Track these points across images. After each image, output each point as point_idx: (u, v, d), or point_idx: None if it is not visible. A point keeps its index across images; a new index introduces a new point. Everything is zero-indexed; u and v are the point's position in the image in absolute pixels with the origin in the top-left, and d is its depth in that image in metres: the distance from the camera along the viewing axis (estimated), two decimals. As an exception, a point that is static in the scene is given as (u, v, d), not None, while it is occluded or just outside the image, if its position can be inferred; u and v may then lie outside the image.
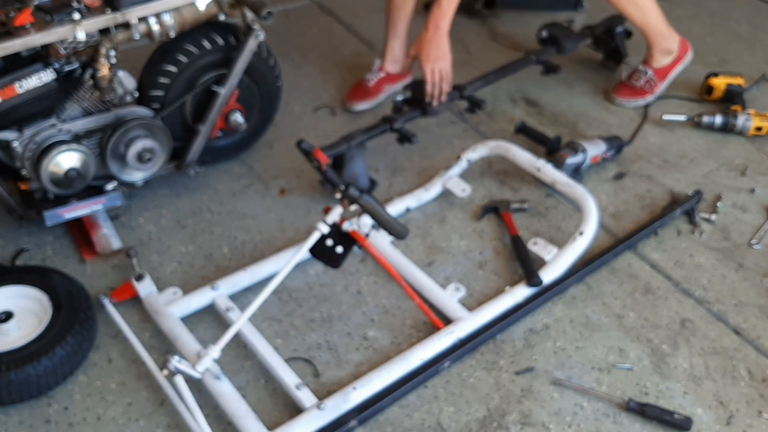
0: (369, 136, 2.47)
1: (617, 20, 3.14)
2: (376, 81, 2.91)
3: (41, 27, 1.95)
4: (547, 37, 3.01)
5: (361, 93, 2.89)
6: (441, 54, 2.54)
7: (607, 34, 3.17)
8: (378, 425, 1.83)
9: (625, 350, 2.05)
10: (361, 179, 2.48)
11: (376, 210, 1.88)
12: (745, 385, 1.98)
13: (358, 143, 2.43)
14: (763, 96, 3.15)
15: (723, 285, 2.27)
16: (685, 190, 2.58)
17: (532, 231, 2.41)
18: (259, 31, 2.28)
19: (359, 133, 2.45)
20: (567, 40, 3.00)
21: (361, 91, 2.90)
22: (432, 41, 2.52)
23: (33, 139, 2.08)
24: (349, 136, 2.42)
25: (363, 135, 2.45)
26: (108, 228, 2.28)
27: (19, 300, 1.94)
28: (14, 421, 1.80)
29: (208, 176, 2.56)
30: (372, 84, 2.90)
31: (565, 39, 2.99)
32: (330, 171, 2.28)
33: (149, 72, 2.29)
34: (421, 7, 3.64)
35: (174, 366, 1.68)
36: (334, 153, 2.37)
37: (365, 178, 2.50)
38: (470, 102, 2.70)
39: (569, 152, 2.54)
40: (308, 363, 1.98)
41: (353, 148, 2.42)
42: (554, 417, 1.87)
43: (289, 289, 2.17)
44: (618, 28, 3.14)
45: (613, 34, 3.15)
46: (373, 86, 2.90)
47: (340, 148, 2.39)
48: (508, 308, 2.09)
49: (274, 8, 2.23)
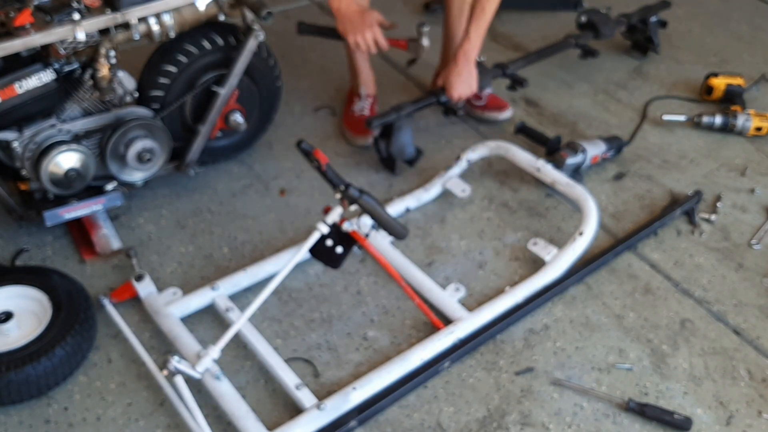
0: (417, 107, 2.62)
1: (652, 10, 3.24)
2: (369, 108, 2.82)
3: (41, 27, 1.95)
4: (585, 23, 3.14)
5: (363, 126, 2.67)
6: (470, 85, 2.61)
7: (642, 22, 3.28)
8: (378, 425, 1.83)
9: (625, 350, 2.05)
10: (408, 148, 2.61)
11: (376, 210, 1.88)
12: (744, 386, 1.98)
13: (407, 113, 2.58)
14: (763, 96, 3.15)
15: (723, 285, 2.27)
16: (685, 190, 2.59)
17: (532, 231, 2.41)
18: (259, 31, 2.28)
19: (408, 104, 2.60)
20: (605, 25, 3.12)
21: (362, 124, 2.69)
22: (462, 74, 2.58)
23: (33, 139, 2.08)
24: (398, 107, 2.57)
25: (412, 106, 2.60)
26: (108, 228, 2.28)
27: (19, 300, 1.94)
28: (14, 421, 1.80)
29: (208, 176, 2.56)
30: (368, 113, 2.80)
31: (602, 25, 3.12)
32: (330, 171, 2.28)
33: (149, 72, 2.29)
34: (420, 8, 3.66)
35: (174, 366, 1.68)
36: (383, 122, 2.53)
37: (412, 147, 2.63)
38: (513, 80, 2.84)
39: (569, 152, 2.54)
40: (308, 363, 1.98)
41: (402, 117, 2.56)
42: (554, 417, 1.87)
43: (289, 290, 2.17)
44: (652, 18, 3.26)
45: (647, 23, 3.27)
46: (369, 115, 2.78)
47: (390, 118, 2.53)
48: (508, 308, 2.09)
49: (274, 8, 2.23)
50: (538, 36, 3.48)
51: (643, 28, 3.29)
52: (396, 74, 3.16)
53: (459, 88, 2.60)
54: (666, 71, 3.28)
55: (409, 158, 2.63)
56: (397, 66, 3.20)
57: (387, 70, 3.17)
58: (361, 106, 2.80)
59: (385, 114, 2.55)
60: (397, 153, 2.59)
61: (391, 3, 3.68)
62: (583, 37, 3.11)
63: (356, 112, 2.80)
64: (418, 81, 3.11)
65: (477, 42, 2.55)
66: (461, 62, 2.57)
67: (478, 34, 2.53)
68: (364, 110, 2.80)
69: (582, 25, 3.15)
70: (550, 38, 3.21)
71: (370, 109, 2.81)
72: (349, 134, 2.77)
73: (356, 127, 2.76)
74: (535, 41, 3.43)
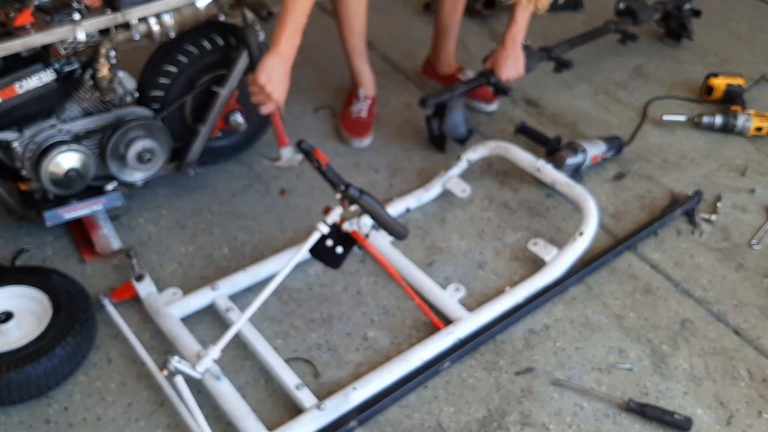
0: (469, 87, 2.74)
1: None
2: (367, 110, 2.80)
3: (41, 27, 1.95)
4: (624, 9, 3.28)
5: (360, 128, 2.76)
6: (518, 67, 2.73)
7: (677, 9, 3.39)
8: (378, 426, 1.83)
9: (625, 350, 2.05)
10: (460, 127, 2.70)
11: (376, 210, 1.88)
12: (745, 386, 1.98)
13: (460, 93, 2.69)
14: (763, 96, 3.15)
15: (723, 285, 2.27)
16: (685, 190, 2.58)
17: (532, 231, 2.41)
18: (259, 31, 2.28)
19: (461, 84, 2.72)
20: (643, 12, 3.28)
21: (359, 126, 2.76)
22: (510, 57, 2.69)
23: (33, 139, 2.08)
24: (451, 87, 2.68)
25: (464, 86, 2.72)
26: (108, 228, 2.28)
27: (19, 300, 1.94)
28: (14, 422, 1.80)
29: (208, 176, 2.56)
30: (365, 114, 2.79)
31: (641, 11, 3.27)
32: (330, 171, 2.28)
33: (149, 72, 2.28)
34: (420, 8, 3.66)
35: (174, 366, 1.68)
36: (437, 101, 2.63)
37: (463, 126, 2.71)
38: (558, 62, 2.95)
39: (569, 152, 2.54)
40: (308, 363, 1.98)
41: (455, 97, 2.66)
42: (554, 417, 1.87)
43: (289, 290, 2.17)
44: (686, 5, 3.38)
45: (681, 10, 3.38)
46: (367, 117, 2.79)
47: (444, 97, 2.63)
48: (508, 308, 2.09)
49: (274, 8, 2.23)
50: (538, 36, 3.47)
51: (678, 15, 3.40)
52: (396, 74, 3.16)
53: (507, 71, 2.70)
54: (666, 71, 3.28)
55: (460, 137, 2.70)
56: (397, 66, 3.20)
57: (387, 70, 3.17)
58: (359, 107, 2.80)
59: (439, 93, 2.65)
60: (449, 131, 2.68)
61: (391, 3, 3.68)
62: (621, 23, 3.24)
63: (353, 113, 2.79)
64: (418, 81, 3.11)
65: (523, 26, 2.64)
66: (509, 46, 2.66)
67: (524, 18, 2.62)
68: (361, 112, 2.79)
69: (620, 11, 3.28)
70: (550, 38, 3.21)
71: (368, 111, 2.81)
72: (345, 135, 2.76)
73: (353, 129, 2.76)
74: (535, 41, 3.43)
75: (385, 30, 3.43)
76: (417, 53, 3.26)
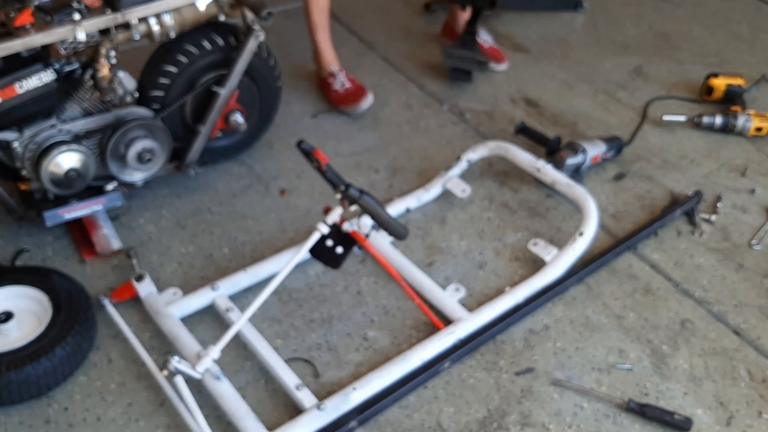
0: None
1: None
2: (348, 79, 2.90)
3: (41, 27, 1.95)
4: None
5: (354, 95, 2.86)
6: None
7: None
8: (378, 426, 1.83)
9: (625, 351, 2.05)
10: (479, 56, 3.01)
11: (376, 210, 1.88)
12: (745, 386, 1.98)
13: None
14: (763, 96, 3.15)
15: (723, 285, 2.27)
16: (685, 190, 2.59)
17: (532, 231, 2.41)
18: (259, 31, 2.28)
19: None
20: None
21: (352, 95, 2.87)
22: None
23: (33, 139, 2.08)
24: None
25: None
26: (108, 228, 2.28)
27: (19, 300, 1.94)
28: (14, 422, 1.80)
29: (208, 176, 2.56)
30: (349, 84, 2.89)
31: None
32: (330, 171, 2.28)
33: (149, 72, 2.29)
34: (420, 8, 3.66)
35: (174, 366, 1.68)
36: None
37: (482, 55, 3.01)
38: None
39: (569, 153, 2.54)
40: (308, 363, 1.98)
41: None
42: (554, 417, 1.87)
43: (289, 290, 2.17)
44: None
45: None
46: (352, 84, 2.89)
47: None
48: (508, 309, 2.08)
49: (274, 8, 2.23)
50: (538, 36, 3.48)
51: None
52: (396, 74, 3.16)
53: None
54: (666, 71, 3.28)
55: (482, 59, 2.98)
56: (397, 66, 3.20)
57: (387, 70, 3.17)
58: (340, 81, 2.90)
59: None
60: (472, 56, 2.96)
61: (391, 4, 3.68)
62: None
63: (340, 89, 2.89)
64: (418, 81, 3.12)
65: None
66: None
67: None
68: (345, 83, 2.89)
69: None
70: (550, 38, 3.21)
71: (349, 79, 2.91)
72: (347, 108, 2.87)
73: (349, 99, 2.88)
74: (535, 41, 3.43)
75: (385, 30, 3.44)
76: (417, 53, 3.26)
